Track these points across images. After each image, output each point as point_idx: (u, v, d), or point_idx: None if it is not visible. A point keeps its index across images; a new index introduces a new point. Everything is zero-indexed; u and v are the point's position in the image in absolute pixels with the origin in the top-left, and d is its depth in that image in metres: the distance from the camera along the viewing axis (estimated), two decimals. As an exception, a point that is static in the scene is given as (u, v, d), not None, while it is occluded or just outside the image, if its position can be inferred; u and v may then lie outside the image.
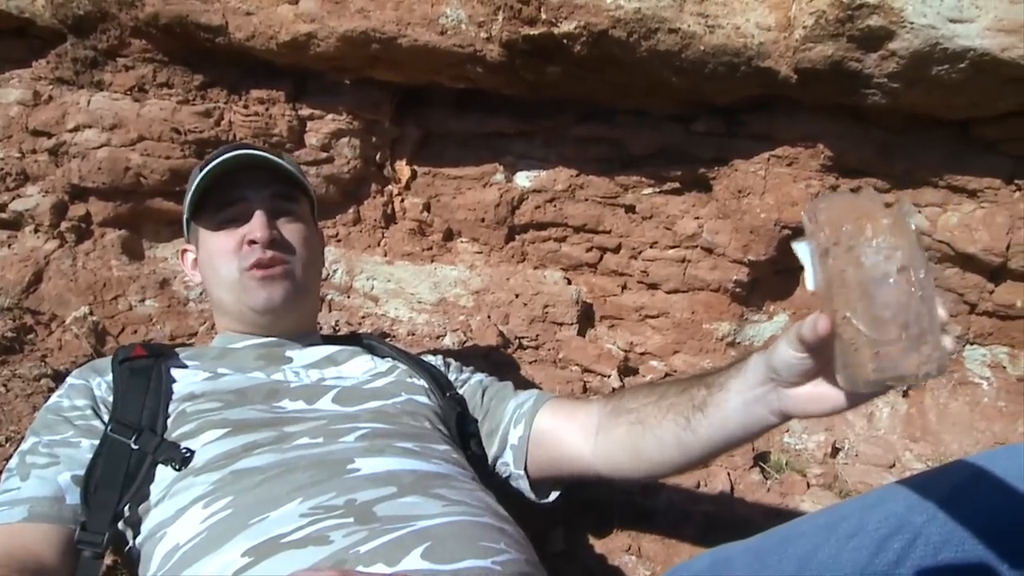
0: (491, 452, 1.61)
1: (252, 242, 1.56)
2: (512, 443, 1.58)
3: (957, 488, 0.91)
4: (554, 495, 1.62)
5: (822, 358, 1.01)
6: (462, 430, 1.59)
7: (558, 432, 1.54)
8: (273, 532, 1.10)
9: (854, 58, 2.01)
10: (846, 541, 0.92)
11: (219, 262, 1.60)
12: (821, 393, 1.05)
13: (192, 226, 1.69)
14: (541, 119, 2.52)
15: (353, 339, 1.82)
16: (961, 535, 0.86)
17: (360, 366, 1.61)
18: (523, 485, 1.59)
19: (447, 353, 1.93)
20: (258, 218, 1.57)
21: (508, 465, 1.59)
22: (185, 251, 1.77)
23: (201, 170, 1.62)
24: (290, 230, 1.64)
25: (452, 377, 1.75)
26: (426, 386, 1.60)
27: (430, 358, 1.80)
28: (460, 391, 1.70)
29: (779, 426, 1.21)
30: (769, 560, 0.97)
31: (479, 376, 1.79)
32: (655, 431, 1.37)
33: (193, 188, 1.61)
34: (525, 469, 1.57)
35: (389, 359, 1.68)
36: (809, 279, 0.96)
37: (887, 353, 0.86)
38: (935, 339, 0.86)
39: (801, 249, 0.95)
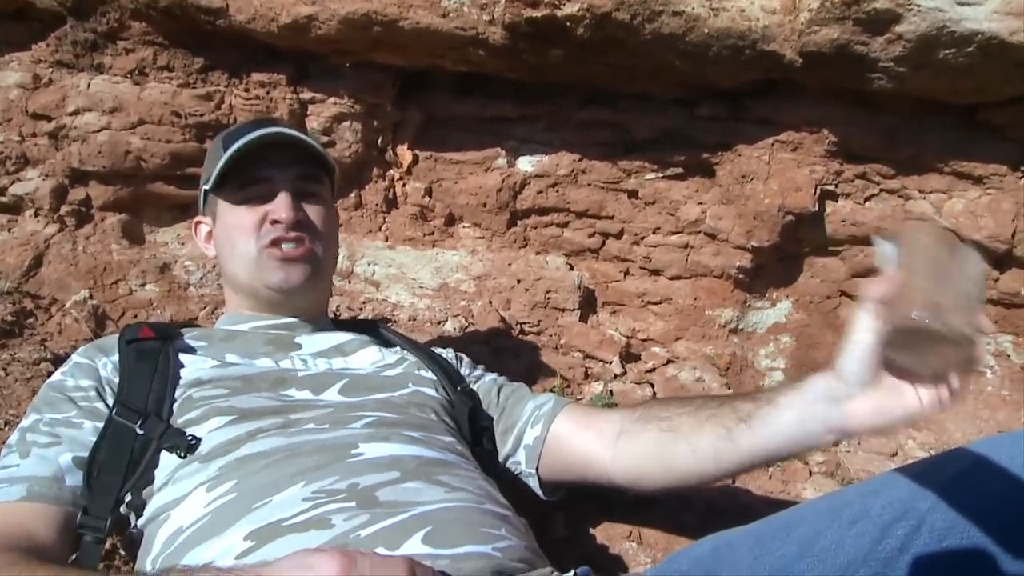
0: (503, 450, 1.60)
1: (275, 221, 1.54)
2: (527, 443, 1.57)
3: (961, 475, 0.91)
4: (560, 493, 1.62)
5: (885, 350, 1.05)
6: (474, 425, 1.57)
7: (576, 436, 1.53)
8: (275, 516, 1.10)
9: (860, 41, 2.00)
10: (849, 527, 0.91)
11: (237, 237, 1.57)
12: (883, 406, 1.07)
13: (210, 198, 1.65)
14: (544, 103, 2.51)
15: (363, 327, 1.80)
16: (965, 522, 0.85)
17: (368, 357, 1.59)
18: (533, 483, 1.58)
19: (455, 344, 1.92)
20: (284, 199, 1.55)
21: (520, 464, 1.57)
22: (199, 223, 1.74)
23: (225, 144, 1.58)
24: (314, 212, 1.61)
25: (464, 372, 1.73)
26: (435, 379, 1.59)
27: (440, 351, 1.78)
28: (473, 386, 1.69)
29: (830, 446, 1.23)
30: (771, 545, 0.96)
31: (493, 374, 1.77)
32: (689, 439, 1.36)
33: (219, 163, 1.58)
34: (536, 469, 1.56)
35: (398, 350, 1.66)
36: (886, 260, 1.05)
37: (938, 303, 0.95)
38: (974, 321, 0.97)
39: (885, 246, 1.06)
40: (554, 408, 1.58)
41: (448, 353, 1.78)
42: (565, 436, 1.54)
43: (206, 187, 1.64)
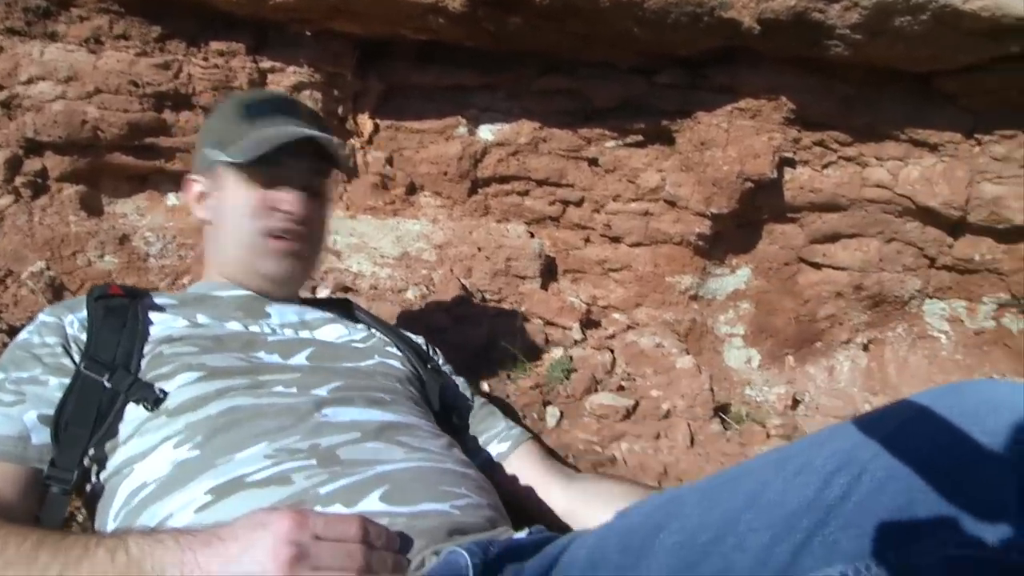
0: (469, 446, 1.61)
1: (284, 211, 1.52)
2: (490, 452, 1.60)
3: (903, 425, 0.92)
4: None
5: None
6: (444, 401, 1.60)
7: (531, 468, 1.56)
8: (237, 472, 1.12)
9: (817, 8, 2.01)
10: (793, 477, 0.92)
11: (240, 214, 1.54)
12: None
13: (217, 164, 1.59)
14: (504, 72, 2.51)
15: (331, 305, 1.80)
16: (906, 470, 0.86)
17: (335, 332, 1.60)
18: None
19: (416, 313, 1.92)
20: (295, 194, 1.53)
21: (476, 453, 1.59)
22: (193, 181, 1.67)
23: (248, 114, 1.56)
24: (318, 210, 1.61)
25: (432, 356, 1.75)
26: (401, 355, 1.61)
27: (410, 334, 1.79)
28: (443, 368, 1.71)
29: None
30: (719, 498, 0.97)
31: (462, 378, 1.77)
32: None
33: (246, 142, 1.52)
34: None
35: (365, 328, 1.67)
36: None
37: None
38: None
39: None
40: (522, 435, 1.63)
41: (419, 339, 1.79)
42: (522, 465, 1.57)
43: (220, 155, 1.57)
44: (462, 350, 2.15)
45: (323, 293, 2.32)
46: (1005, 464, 0.83)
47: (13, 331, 1.90)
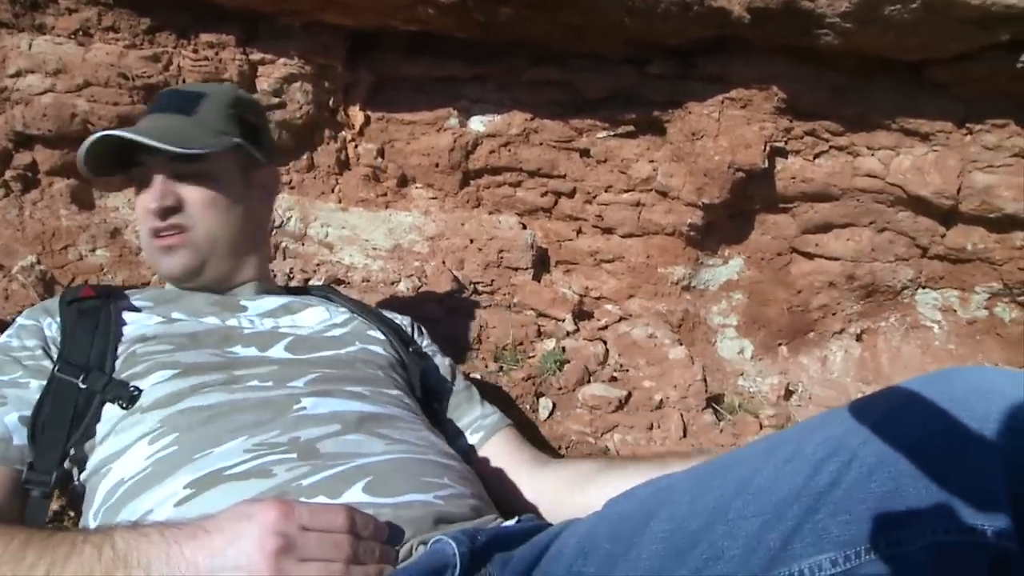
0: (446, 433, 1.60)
1: (150, 209, 1.50)
2: (466, 443, 1.58)
3: (893, 411, 0.92)
4: None
5: None
6: (426, 384, 1.58)
7: (502, 457, 1.55)
8: (216, 466, 1.11)
9: (806, -3, 2.01)
10: (784, 465, 0.92)
11: (138, 221, 1.56)
12: None
13: None
14: (495, 63, 2.50)
15: (308, 290, 1.79)
16: (895, 456, 0.86)
17: (315, 316, 1.58)
18: None
19: (409, 304, 1.91)
20: (153, 186, 1.49)
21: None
22: None
23: (145, 114, 1.56)
24: (195, 193, 1.52)
25: (416, 337, 1.73)
26: (384, 338, 1.59)
27: (393, 315, 1.77)
28: (426, 350, 1.70)
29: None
30: (710, 484, 0.97)
31: (447, 359, 1.76)
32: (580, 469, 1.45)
33: (83, 149, 1.50)
34: None
35: (346, 311, 1.65)
36: None
37: None
38: None
39: None
40: (496, 424, 1.61)
41: (404, 320, 1.77)
42: (494, 454, 1.55)
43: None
44: (454, 341, 2.15)
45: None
46: (994, 450, 0.83)
47: (4, 326, 1.89)
